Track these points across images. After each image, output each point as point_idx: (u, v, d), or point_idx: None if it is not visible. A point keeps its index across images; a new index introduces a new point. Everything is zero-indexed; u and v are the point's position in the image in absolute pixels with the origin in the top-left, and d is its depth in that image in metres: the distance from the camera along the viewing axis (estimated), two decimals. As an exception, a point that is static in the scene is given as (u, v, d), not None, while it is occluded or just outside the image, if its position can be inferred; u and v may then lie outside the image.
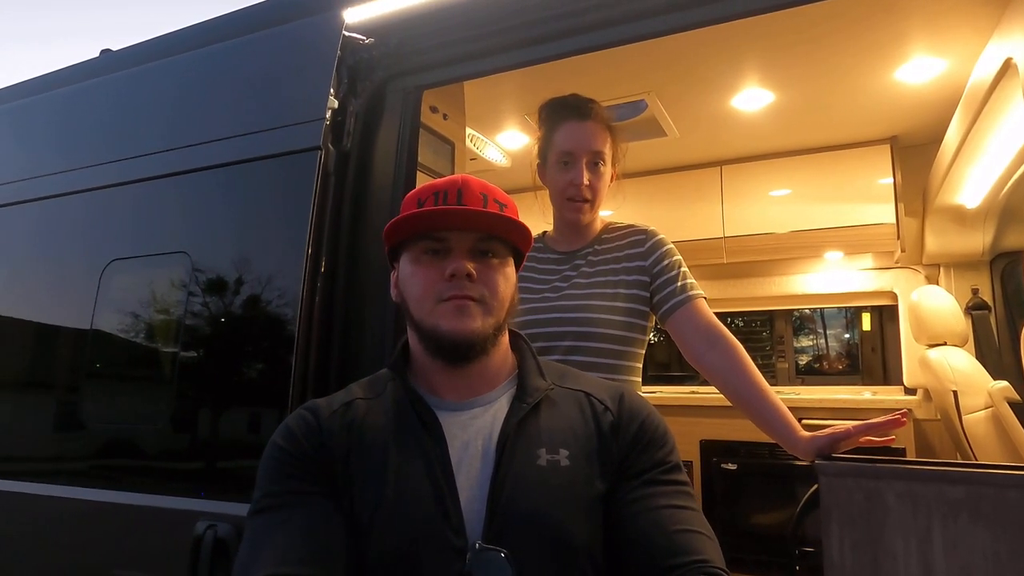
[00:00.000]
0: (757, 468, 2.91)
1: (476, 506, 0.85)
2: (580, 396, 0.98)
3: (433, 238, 0.92)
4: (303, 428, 0.91)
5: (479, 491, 0.86)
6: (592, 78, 2.40)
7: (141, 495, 1.55)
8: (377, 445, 0.90)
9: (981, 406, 2.42)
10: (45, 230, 1.97)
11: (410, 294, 0.94)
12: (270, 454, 0.91)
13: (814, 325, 3.95)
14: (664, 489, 0.90)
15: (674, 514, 0.87)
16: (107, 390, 1.79)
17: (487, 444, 0.90)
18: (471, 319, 0.89)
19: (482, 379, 0.95)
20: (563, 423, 0.93)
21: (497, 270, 0.93)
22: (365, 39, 1.62)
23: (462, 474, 0.87)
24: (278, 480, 0.88)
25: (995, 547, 0.94)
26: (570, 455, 0.89)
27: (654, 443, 0.94)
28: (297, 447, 0.89)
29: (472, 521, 0.84)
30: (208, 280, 1.62)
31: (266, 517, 0.85)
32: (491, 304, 0.91)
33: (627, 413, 0.96)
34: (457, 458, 0.88)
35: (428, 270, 0.92)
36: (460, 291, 0.89)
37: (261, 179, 1.62)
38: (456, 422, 0.92)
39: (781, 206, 3.31)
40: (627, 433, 0.93)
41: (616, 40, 1.43)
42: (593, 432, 0.93)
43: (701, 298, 1.42)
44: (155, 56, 1.95)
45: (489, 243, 0.93)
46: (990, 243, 2.95)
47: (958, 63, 2.34)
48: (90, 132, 2.00)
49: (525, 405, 0.92)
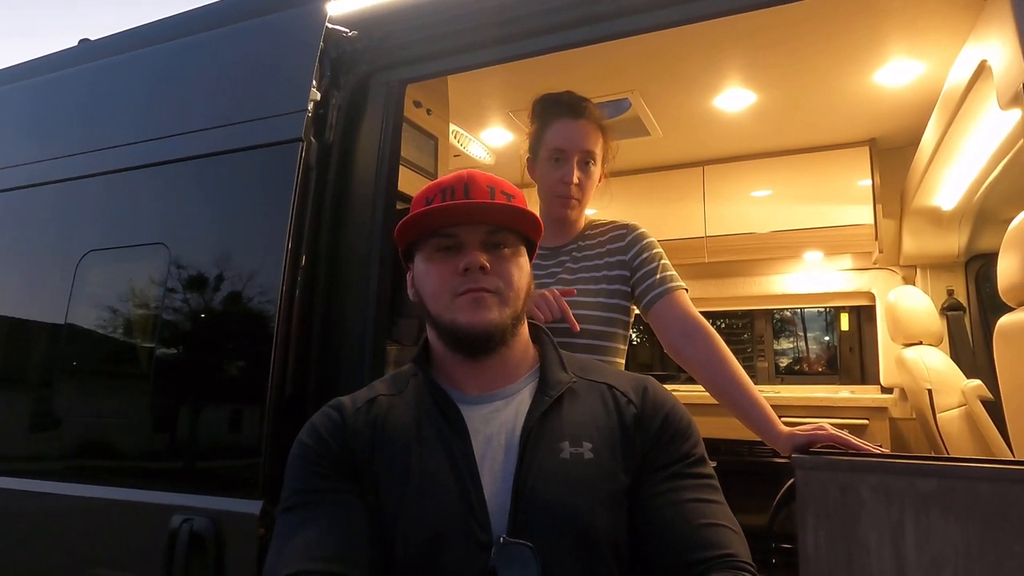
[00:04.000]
0: (737, 466, 2.94)
1: (500, 499, 0.85)
2: (603, 388, 0.98)
3: (444, 235, 0.93)
4: (328, 426, 0.92)
5: (503, 484, 0.86)
6: (576, 74, 2.40)
7: (116, 489, 1.53)
8: (401, 441, 0.90)
9: (955, 404, 2.46)
10: (21, 220, 1.93)
11: (426, 292, 0.94)
12: (297, 452, 0.92)
13: (794, 327, 4.00)
14: (690, 482, 0.91)
15: (700, 507, 0.88)
16: (82, 384, 1.76)
17: (510, 437, 0.90)
18: (488, 311, 0.90)
19: (503, 371, 0.96)
20: (586, 416, 0.93)
21: (510, 260, 0.94)
22: (349, 32, 1.61)
23: (486, 468, 0.88)
24: (305, 478, 0.89)
25: (965, 539, 0.96)
26: (593, 448, 0.89)
27: (679, 436, 0.94)
28: (323, 445, 0.90)
29: (496, 515, 0.84)
30: (186, 273, 1.60)
31: (294, 515, 0.87)
32: (507, 295, 0.92)
33: (651, 406, 0.96)
34: (480, 452, 0.89)
35: (442, 266, 0.92)
36: (475, 284, 0.90)
37: (241, 170, 1.60)
38: (479, 415, 0.92)
39: (762, 206, 3.34)
40: (651, 426, 0.94)
41: (600, 36, 1.44)
42: (616, 425, 0.93)
43: (681, 290, 1.42)
44: (134, 45, 1.92)
45: (500, 235, 0.94)
46: (965, 245, 3.00)
47: (935, 66, 2.38)
48: (68, 121, 1.96)
49: (548, 398, 0.92)
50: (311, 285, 1.52)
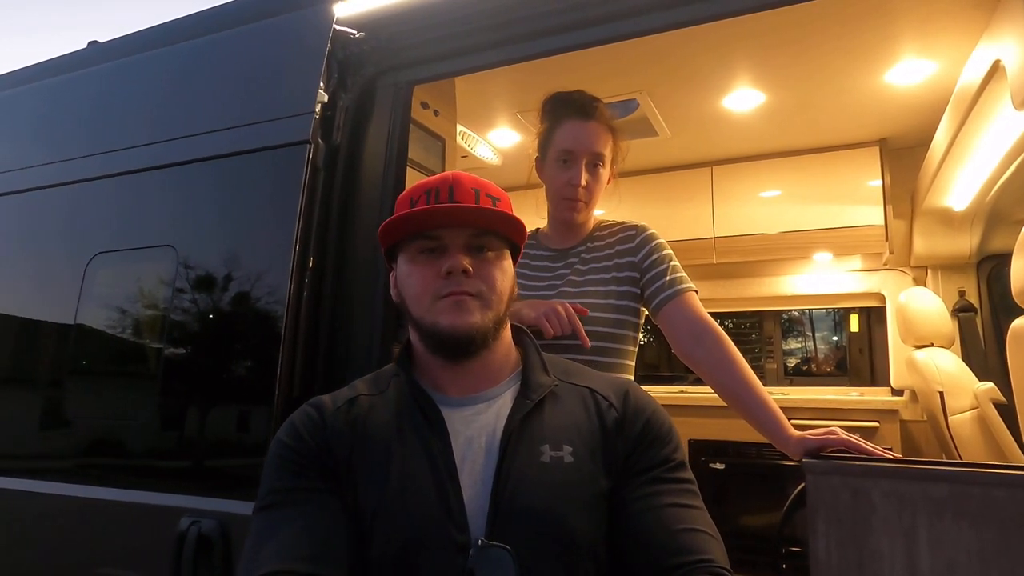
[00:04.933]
0: (745, 468, 2.92)
1: (479, 502, 0.85)
2: (584, 392, 0.97)
3: (427, 237, 0.92)
4: (308, 425, 0.91)
5: (482, 487, 0.86)
6: (583, 75, 2.38)
7: (125, 491, 1.54)
8: (381, 441, 0.90)
9: (967, 407, 2.44)
10: (30, 222, 1.95)
11: (408, 293, 0.94)
12: (275, 451, 0.91)
13: (803, 328, 3.97)
14: (669, 487, 0.90)
15: (678, 512, 0.87)
16: (91, 385, 1.77)
17: (491, 440, 0.90)
18: (469, 314, 0.89)
19: (485, 374, 0.95)
20: (567, 419, 0.93)
21: (493, 264, 0.94)
22: (356, 33, 1.61)
23: (465, 470, 0.87)
24: (282, 477, 0.88)
25: (980, 545, 0.95)
26: (574, 452, 0.89)
27: (659, 440, 0.93)
28: (301, 444, 0.90)
29: (475, 517, 0.84)
30: (194, 274, 1.61)
31: (270, 514, 0.86)
32: (489, 298, 0.91)
33: (632, 410, 0.95)
34: (460, 454, 0.88)
35: (424, 269, 0.92)
36: (458, 287, 0.90)
37: (249, 172, 1.60)
38: (460, 418, 0.92)
39: (771, 207, 3.32)
40: (632, 430, 0.93)
41: (608, 37, 1.43)
42: (597, 428, 0.93)
43: (691, 292, 1.41)
44: (143, 48, 1.93)
45: (484, 238, 0.93)
46: (977, 246, 2.97)
47: (947, 65, 2.36)
48: (77, 124, 1.97)
49: (529, 402, 0.92)
50: (319, 287, 1.52)
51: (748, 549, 2.74)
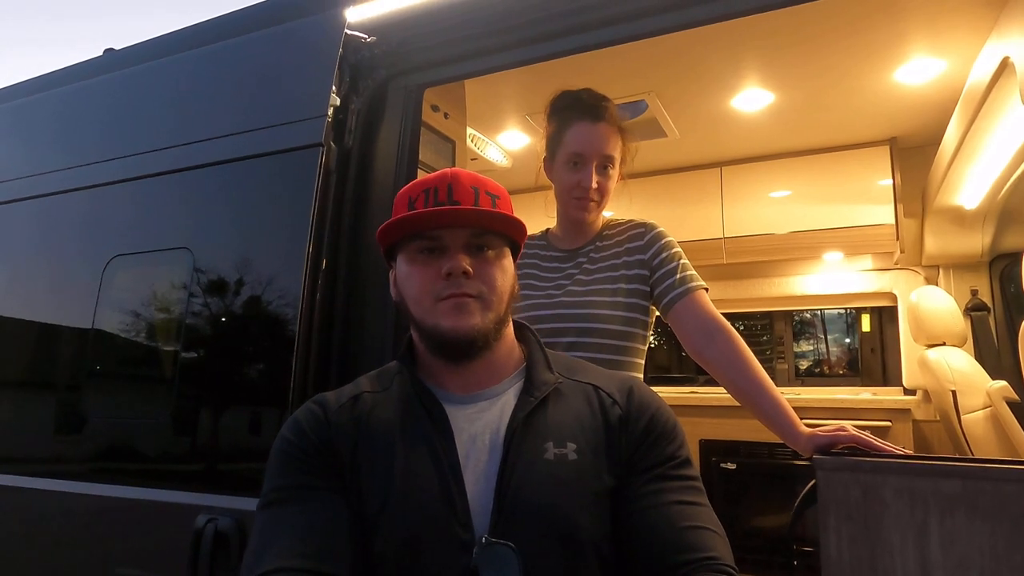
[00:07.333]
0: (757, 468, 2.92)
1: (483, 500, 0.85)
2: (588, 389, 0.97)
3: (426, 237, 0.91)
4: (311, 422, 0.91)
5: (486, 485, 0.86)
6: (592, 77, 2.38)
7: (142, 489, 1.56)
8: (384, 439, 0.89)
9: (980, 406, 2.43)
10: (48, 226, 1.98)
11: (408, 294, 0.93)
12: (278, 447, 0.91)
13: (814, 329, 3.96)
14: (674, 485, 0.89)
15: (684, 510, 0.87)
16: (108, 386, 1.80)
17: (494, 438, 0.89)
18: (470, 316, 0.89)
19: (488, 373, 0.95)
20: (571, 416, 0.92)
21: (493, 264, 0.93)
22: (367, 37, 1.63)
23: (469, 468, 0.87)
24: (286, 474, 0.88)
25: (992, 541, 0.94)
26: (577, 449, 0.89)
27: (663, 438, 0.93)
28: (305, 441, 0.89)
29: (479, 515, 0.84)
30: (209, 277, 1.63)
31: (273, 511, 0.86)
32: (490, 299, 0.91)
33: (636, 407, 0.95)
34: (464, 451, 0.88)
35: (424, 269, 0.91)
36: (458, 289, 0.89)
37: (263, 176, 1.62)
38: (463, 415, 0.91)
39: (781, 207, 3.32)
40: (636, 427, 0.93)
41: (617, 38, 1.44)
42: (601, 426, 0.92)
43: (701, 290, 1.41)
44: (158, 54, 1.96)
45: (483, 237, 0.92)
46: (989, 244, 2.95)
47: (957, 64, 2.35)
48: (94, 129, 2.00)
49: (532, 399, 0.91)
50: (331, 288, 1.53)
51: (760, 549, 2.74)
